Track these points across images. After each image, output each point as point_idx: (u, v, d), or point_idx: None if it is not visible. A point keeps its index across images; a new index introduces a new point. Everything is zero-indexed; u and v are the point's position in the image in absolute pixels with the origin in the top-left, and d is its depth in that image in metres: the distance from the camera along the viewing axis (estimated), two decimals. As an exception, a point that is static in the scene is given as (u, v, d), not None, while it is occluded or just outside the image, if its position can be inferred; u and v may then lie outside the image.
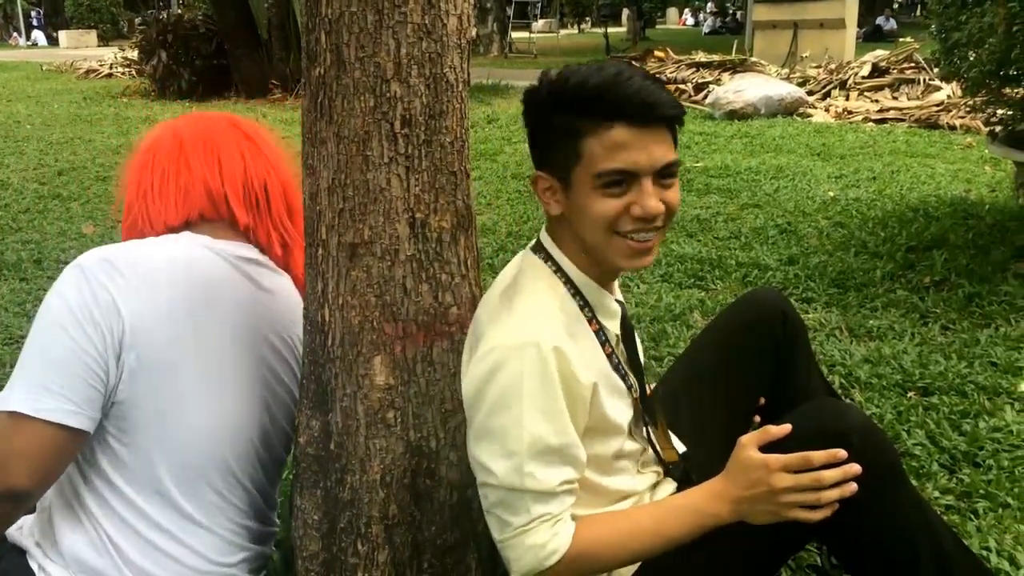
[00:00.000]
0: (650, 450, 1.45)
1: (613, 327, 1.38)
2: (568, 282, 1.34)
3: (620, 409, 1.36)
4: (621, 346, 1.41)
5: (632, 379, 1.40)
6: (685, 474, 1.48)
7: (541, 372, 1.20)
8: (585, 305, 1.34)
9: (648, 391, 1.46)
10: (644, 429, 1.44)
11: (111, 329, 1.27)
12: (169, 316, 1.32)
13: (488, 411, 1.23)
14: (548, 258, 1.35)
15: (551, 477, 1.22)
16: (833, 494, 1.19)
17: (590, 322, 1.34)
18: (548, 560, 1.23)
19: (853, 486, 1.18)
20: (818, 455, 1.18)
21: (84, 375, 1.25)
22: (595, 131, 1.21)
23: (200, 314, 1.36)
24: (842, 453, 1.18)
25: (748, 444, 1.24)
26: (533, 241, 1.41)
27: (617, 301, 1.40)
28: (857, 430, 1.23)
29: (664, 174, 1.24)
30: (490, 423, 1.23)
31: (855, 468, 1.18)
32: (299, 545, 1.51)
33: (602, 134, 1.20)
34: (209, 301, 1.38)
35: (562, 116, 1.24)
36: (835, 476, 1.18)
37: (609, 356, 1.36)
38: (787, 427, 1.23)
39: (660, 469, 1.49)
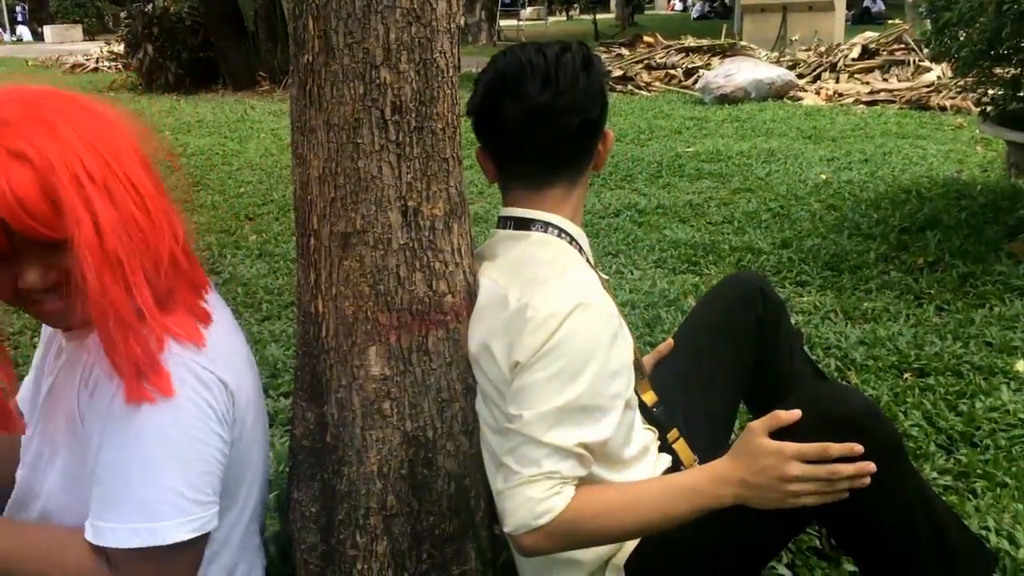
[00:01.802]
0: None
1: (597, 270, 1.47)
2: (573, 240, 1.41)
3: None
4: None
5: None
6: (664, 418, 1.54)
7: (612, 335, 1.28)
8: (582, 249, 1.43)
9: None
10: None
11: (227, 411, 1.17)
12: (247, 371, 1.27)
13: (541, 367, 1.25)
14: (547, 226, 1.40)
15: (571, 436, 1.23)
16: (845, 486, 1.19)
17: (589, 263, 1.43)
18: (540, 518, 1.21)
19: (866, 479, 1.18)
20: (836, 447, 1.18)
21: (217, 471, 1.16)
22: None
23: (243, 347, 1.31)
24: (858, 448, 1.17)
25: (759, 430, 1.23)
26: (505, 222, 1.45)
27: None
28: (860, 412, 1.22)
29: None
30: (535, 377, 1.25)
31: (870, 466, 1.17)
32: (297, 538, 1.50)
33: None
34: (238, 329, 1.33)
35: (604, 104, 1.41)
36: (851, 471, 1.18)
37: None
38: (796, 413, 1.22)
39: (651, 426, 1.53)
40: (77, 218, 1.00)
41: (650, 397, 1.55)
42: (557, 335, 1.24)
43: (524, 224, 1.41)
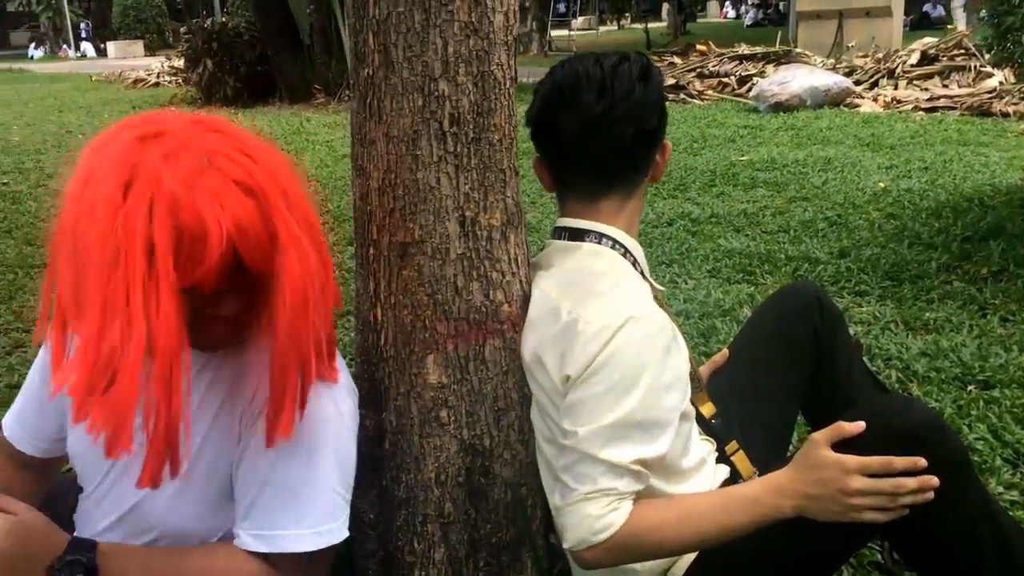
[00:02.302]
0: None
1: (653, 282, 1.45)
2: (627, 252, 1.41)
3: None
4: None
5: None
6: (723, 430, 1.52)
7: (666, 347, 1.28)
8: (636, 262, 1.42)
9: None
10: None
11: None
12: None
13: (594, 382, 1.25)
14: (601, 237, 1.39)
15: (627, 453, 1.23)
16: (908, 500, 1.17)
17: (642, 275, 1.42)
18: (600, 534, 1.22)
19: (929, 494, 1.16)
20: (900, 461, 1.16)
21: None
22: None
23: None
24: (922, 462, 1.16)
25: (821, 441, 1.22)
26: (560, 233, 1.45)
27: None
28: (924, 425, 1.20)
29: None
30: (588, 392, 1.25)
31: (933, 480, 1.16)
32: (355, 543, 1.52)
33: None
34: None
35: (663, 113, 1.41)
36: (913, 486, 1.16)
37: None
38: (860, 424, 1.20)
39: (709, 437, 1.52)
40: (287, 254, 1.02)
41: (708, 409, 1.53)
42: (608, 348, 1.24)
43: (578, 235, 1.41)
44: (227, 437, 1.18)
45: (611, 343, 1.24)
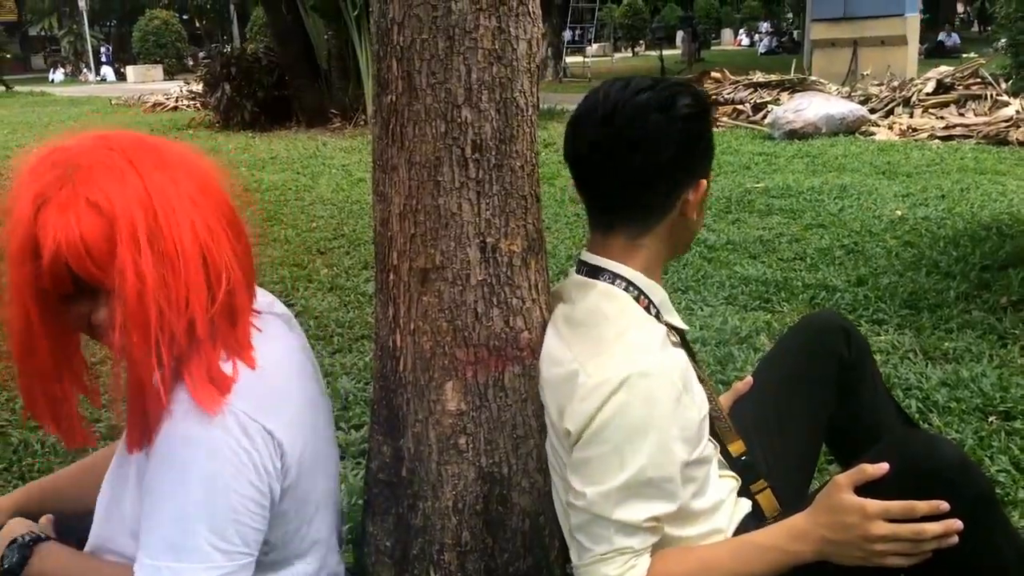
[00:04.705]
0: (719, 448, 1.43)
1: (677, 321, 1.39)
2: (641, 295, 1.34)
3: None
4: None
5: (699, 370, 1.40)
6: (750, 468, 1.47)
7: (673, 401, 1.22)
8: (651, 304, 1.35)
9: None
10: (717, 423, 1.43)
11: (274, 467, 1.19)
12: (309, 416, 1.29)
13: (597, 442, 1.22)
14: (615, 277, 1.34)
15: (639, 512, 1.21)
16: (932, 545, 1.15)
17: (657, 317, 1.35)
18: None
19: (954, 538, 1.14)
20: (922, 506, 1.14)
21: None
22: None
23: (305, 390, 1.32)
24: (944, 506, 1.13)
25: (844, 485, 1.19)
26: (580, 267, 1.40)
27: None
28: (949, 466, 1.18)
29: None
30: (592, 452, 1.22)
31: (957, 524, 1.13)
32: (371, 572, 1.51)
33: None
34: (302, 372, 1.33)
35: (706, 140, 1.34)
36: (937, 531, 1.14)
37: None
38: (884, 466, 1.18)
39: (734, 473, 1.47)
40: (122, 271, 1.04)
41: (738, 447, 1.48)
42: (607, 408, 1.21)
43: (594, 272, 1.36)
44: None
45: (609, 402, 1.21)
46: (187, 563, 1.10)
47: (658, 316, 1.35)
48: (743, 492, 1.47)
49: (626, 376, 1.21)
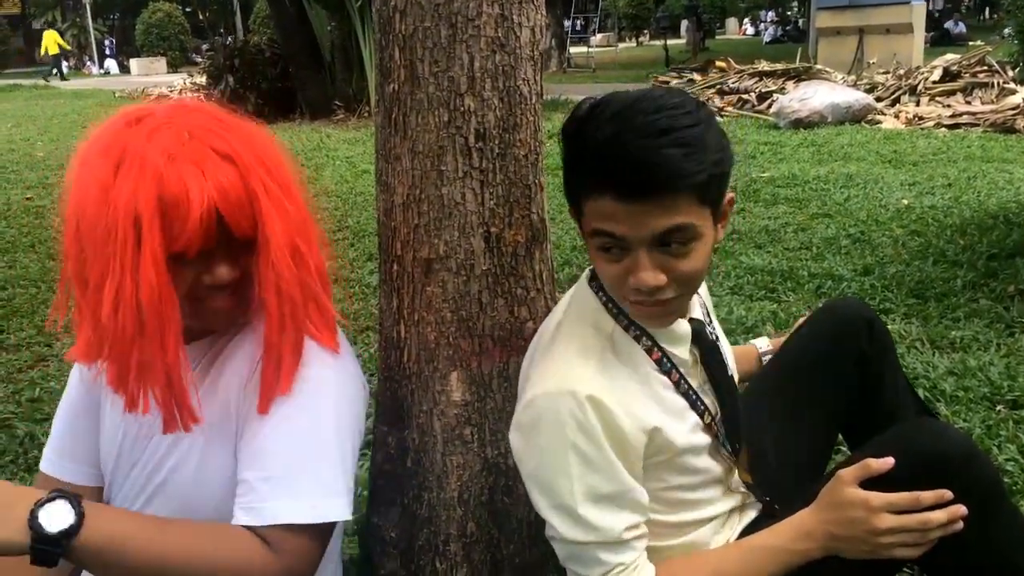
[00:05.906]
0: (735, 471, 1.39)
1: (681, 351, 1.28)
2: (621, 314, 1.24)
3: (693, 436, 1.28)
4: (699, 366, 1.32)
5: (708, 402, 1.31)
6: (762, 494, 1.41)
7: (581, 422, 1.14)
8: (642, 335, 1.24)
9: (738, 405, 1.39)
10: (724, 449, 1.37)
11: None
12: None
13: (537, 464, 1.18)
14: (600, 289, 1.26)
15: (613, 524, 1.17)
16: (937, 533, 1.14)
17: (650, 352, 1.25)
18: None
19: (959, 524, 1.13)
20: (927, 496, 1.13)
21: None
22: (588, 194, 1.11)
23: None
24: (948, 494, 1.12)
25: (848, 480, 1.18)
26: (589, 268, 1.34)
27: (691, 319, 1.31)
28: (955, 454, 1.17)
29: (666, 241, 1.12)
30: (540, 475, 1.19)
31: (961, 509, 1.12)
32: (377, 562, 1.51)
33: (595, 198, 1.10)
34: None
35: (570, 166, 1.16)
36: (942, 519, 1.13)
37: (677, 383, 1.27)
38: (889, 461, 1.16)
39: (746, 491, 1.43)
40: (269, 218, 1.08)
41: (744, 477, 1.39)
42: (536, 425, 1.16)
43: (594, 273, 1.29)
44: (232, 408, 1.18)
45: (536, 414, 1.17)
46: (336, 499, 1.13)
47: (638, 337, 1.24)
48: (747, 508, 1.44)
49: (555, 393, 1.15)
